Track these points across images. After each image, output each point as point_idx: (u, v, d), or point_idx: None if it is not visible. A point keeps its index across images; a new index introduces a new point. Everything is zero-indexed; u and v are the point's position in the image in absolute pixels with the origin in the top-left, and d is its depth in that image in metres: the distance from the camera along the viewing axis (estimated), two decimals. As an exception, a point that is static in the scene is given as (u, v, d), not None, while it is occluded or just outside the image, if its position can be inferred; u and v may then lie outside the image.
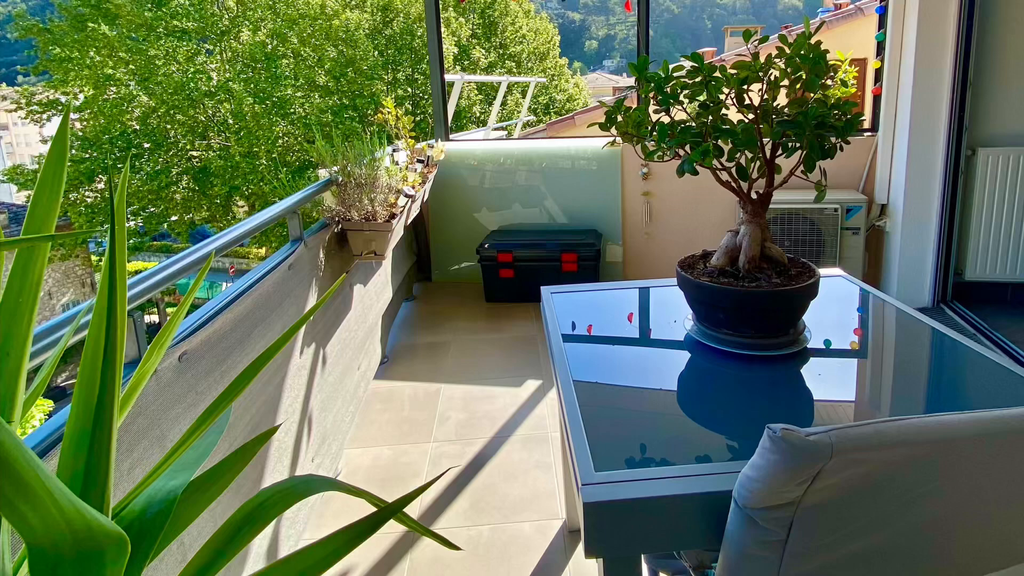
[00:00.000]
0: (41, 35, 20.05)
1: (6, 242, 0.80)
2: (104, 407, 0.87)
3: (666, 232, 5.99)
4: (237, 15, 21.67)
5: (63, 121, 0.92)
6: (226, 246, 2.31)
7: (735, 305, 1.90)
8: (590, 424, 1.58)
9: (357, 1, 23.52)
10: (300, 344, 2.91)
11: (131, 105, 20.04)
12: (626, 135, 1.99)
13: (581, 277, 5.47)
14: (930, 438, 1.11)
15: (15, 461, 0.68)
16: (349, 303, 3.75)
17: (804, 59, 1.79)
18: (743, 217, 2.02)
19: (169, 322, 1.18)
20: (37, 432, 1.38)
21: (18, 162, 23.78)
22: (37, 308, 0.91)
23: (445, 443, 3.64)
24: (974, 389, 1.78)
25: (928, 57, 4.82)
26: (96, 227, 19.62)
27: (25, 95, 20.74)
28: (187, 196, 21.47)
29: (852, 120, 1.78)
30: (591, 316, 2.42)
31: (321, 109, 21.06)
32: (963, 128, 4.89)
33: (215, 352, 2.07)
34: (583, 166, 5.99)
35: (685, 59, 1.90)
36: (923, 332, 2.06)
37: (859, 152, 5.57)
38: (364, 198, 3.55)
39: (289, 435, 2.74)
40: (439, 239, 6.35)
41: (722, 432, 1.63)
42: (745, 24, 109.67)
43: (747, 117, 1.86)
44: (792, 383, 1.85)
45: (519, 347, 4.83)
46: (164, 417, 1.75)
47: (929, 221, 5.07)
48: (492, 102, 21.74)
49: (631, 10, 5.61)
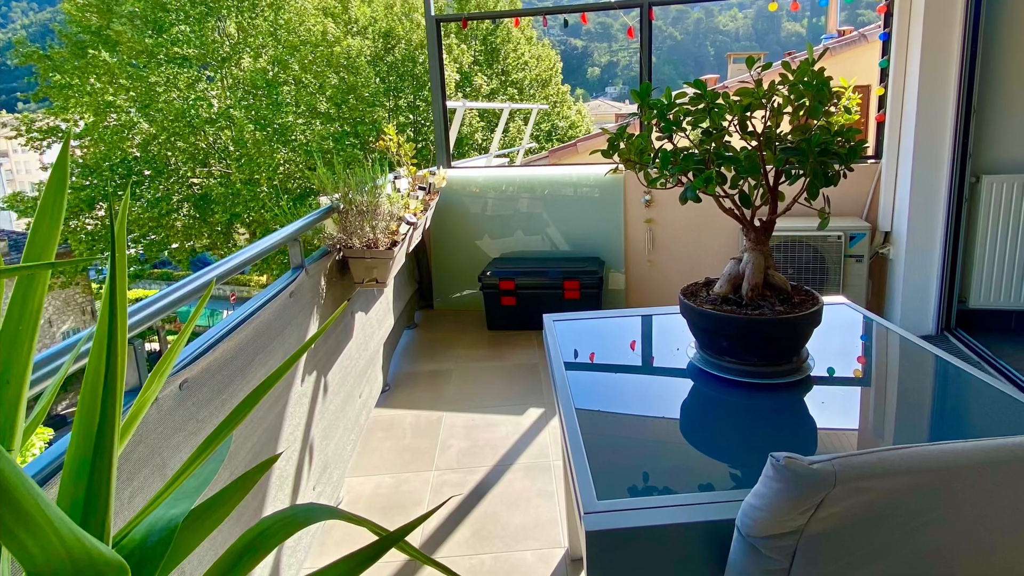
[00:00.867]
0: (41, 62, 20.15)
1: (6, 270, 0.81)
2: (104, 435, 0.86)
3: (669, 260, 5.99)
4: (238, 42, 21.76)
5: (63, 148, 0.93)
6: (227, 274, 2.31)
7: (738, 333, 1.90)
8: (592, 452, 1.57)
9: (359, 28, 23.65)
10: (301, 372, 2.91)
11: (132, 132, 20.07)
12: (629, 162, 1.99)
13: (583, 305, 5.47)
14: (934, 466, 1.11)
15: (15, 489, 0.68)
16: (350, 331, 3.75)
17: (807, 86, 1.80)
18: (746, 244, 2.02)
19: (170, 350, 1.18)
20: (37, 460, 1.37)
21: (18, 189, 23.88)
22: (37, 336, 0.91)
23: (447, 471, 3.63)
24: (978, 417, 1.78)
25: (932, 84, 4.82)
26: (96, 255, 19.53)
27: (25, 122, 20.73)
28: (188, 223, 21.44)
29: (855, 147, 1.79)
30: (593, 344, 2.41)
31: (322, 136, 21.08)
32: (967, 155, 4.88)
33: (216, 380, 2.07)
34: (585, 193, 6.00)
35: (688, 86, 1.90)
36: (927, 360, 2.06)
37: (863, 179, 5.56)
38: (366, 225, 3.56)
39: (290, 463, 2.73)
40: (441, 267, 6.36)
41: (725, 460, 1.62)
42: (748, 51, 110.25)
43: (750, 144, 1.86)
44: (795, 411, 1.84)
45: (521, 375, 4.82)
46: (165, 445, 1.75)
47: (933, 249, 5.07)
48: (494, 129, 21.83)
49: (634, 36, 5.65)
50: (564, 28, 5.89)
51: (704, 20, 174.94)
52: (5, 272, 0.80)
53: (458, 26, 23.03)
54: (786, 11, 10.88)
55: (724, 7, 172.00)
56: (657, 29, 14.73)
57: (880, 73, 5.37)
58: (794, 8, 5.37)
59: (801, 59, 1.85)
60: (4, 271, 0.80)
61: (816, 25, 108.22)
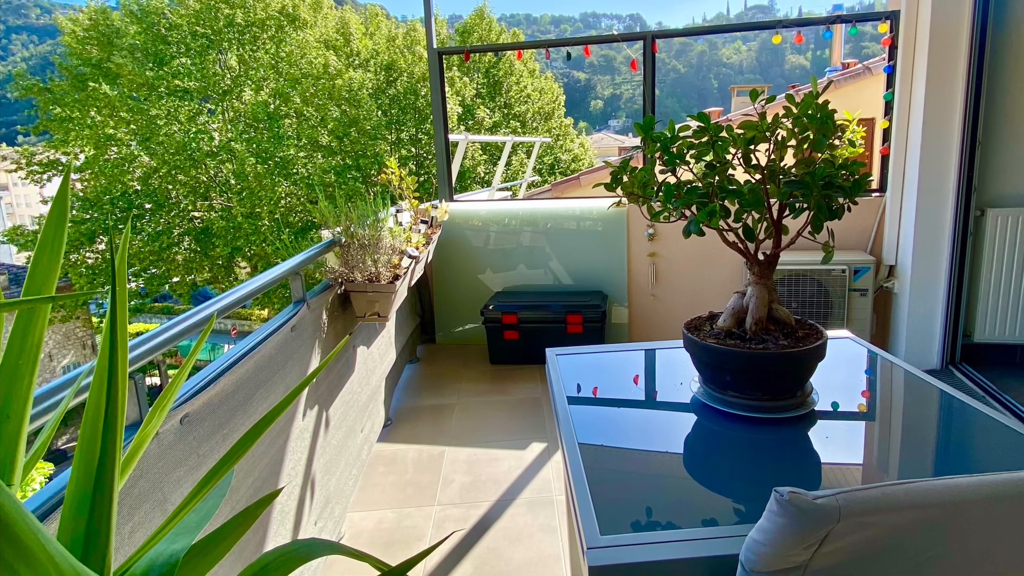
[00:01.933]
0: (41, 95, 20.25)
1: (6, 304, 0.81)
2: (105, 470, 0.86)
3: (672, 293, 5.99)
4: (239, 75, 21.88)
5: (64, 181, 0.93)
6: (228, 308, 2.31)
7: (742, 367, 1.89)
8: (595, 487, 1.56)
9: (360, 61, 23.79)
10: (303, 406, 2.90)
11: (132, 165, 20.14)
12: (632, 195, 2.00)
13: (586, 339, 5.46)
14: (938, 501, 1.10)
15: (15, 524, 0.67)
16: (352, 365, 3.74)
17: (811, 119, 1.80)
18: (750, 278, 2.02)
19: (171, 384, 1.18)
20: (37, 495, 1.37)
21: (18, 223, 23.85)
22: (37, 370, 0.91)
23: (449, 506, 3.60)
24: (983, 452, 1.77)
25: (936, 117, 4.83)
26: (97, 288, 19.42)
27: (25, 155, 20.79)
28: (189, 257, 21.44)
29: (860, 180, 1.79)
30: (596, 378, 2.41)
31: (324, 169, 21.13)
32: (972, 188, 4.89)
33: (217, 415, 2.06)
34: (588, 227, 6.02)
35: (691, 119, 1.91)
36: (931, 394, 2.05)
37: (867, 213, 5.57)
38: (367, 259, 3.57)
39: (292, 498, 2.72)
40: (443, 300, 6.37)
41: (729, 495, 1.61)
42: (752, 84, 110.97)
43: (754, 177, 1.86)
44: (799, 446, 1.83)
45: (524, 409, 4.81)
46: (166, 480, 1.74)
47: (937, 282, 5.07)
48: (497, 162, 21.89)
49: (637, 69, 5.69)
50: (567, 61, 5.93)
51: (708, 53, 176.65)
52: (5, 306, 0.80)
53: (460, 59, 23.17)
54: (790, 44, 11.04)
55: (728, 40, 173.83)
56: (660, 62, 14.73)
57: (884, 106, 5.38)
58: (798, 41, 5.41)
59: (805, 92, 1.86)
60: (4, 305, 0.80)
61: (820, 58, 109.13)
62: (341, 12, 25.10)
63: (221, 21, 21.35)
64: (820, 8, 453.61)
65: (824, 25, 5.36)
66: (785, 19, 5.41)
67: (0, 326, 0.92)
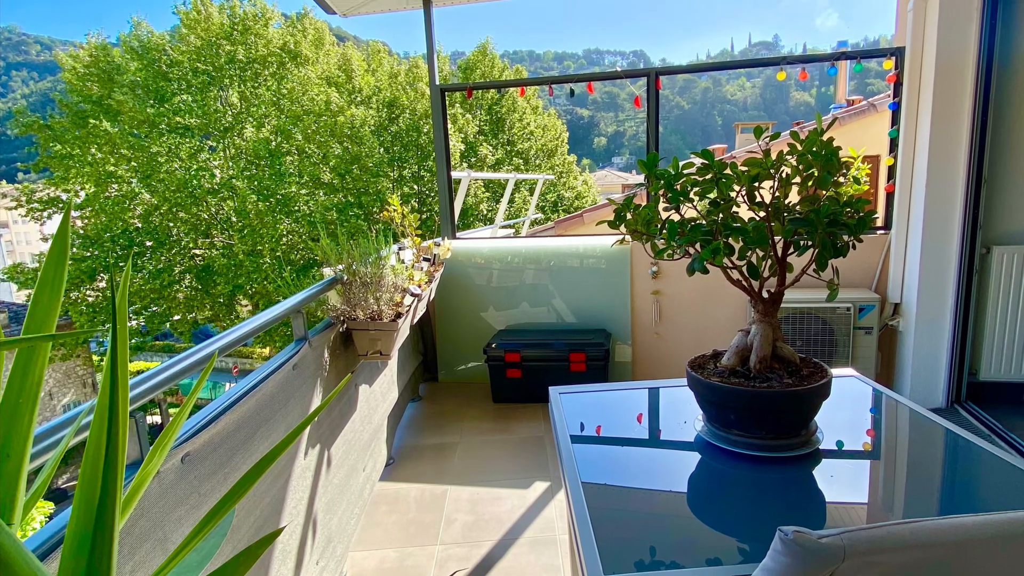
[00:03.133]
0: (42, 132, 20.30)
1: (6, 342, 0.81)
2: (105, 509, 0.86)
3: (676, 331, 5.98)
4: (240, 111, 21.95)
5: (64, 219, 0.93)
6: (229, 346, 2.30)
7: (746, 406, 1.89)
8: (599, 526, 1.55)
9: (362, 97, 23.90)
10: (304, 445, 2.89)
11: (133, 203, 20.17)
12: (635, 233, 2.00)
13: (590, 377, 5.45)
14: (944, 540, 1.09)
15: (15, 564, 0.67)
16: (354, 403, 3.73)
17: (816, 156, 1.81)
18: (754, 316, 2.02)
19: (172, 423, 1.17)
20: (38, 534, 1.36)
21: (18, 260, 23.87)
22: (38, 408, 0.91)
23: (452, 546, 3.57)
24: (989, 491, 1.75)
25: (942, 154, 4.83)
26: (97, 327, 19.34)
27: (25, 192, 20.79)
28: (190, 295, 21.40)
29: (865, 218, 1.79)
30: (600, 417, 2.40)
31: (326, 207, 21.14)
32: (977, 226, 4.89)
33: (218, 453, 2.05)
34: (592, 264, 6.03)
35: (695, 156, 1.92)
36: (937, 433, 2.04)
37: (872, 250, 5.57)
38: (369, 297, 3.57)
39: (293, 537, 2.70)
40: (446, 338, 6.36)
41: (733, 534, 1.60)
42: (756, 120, 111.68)
43: (758, 215, 1.87)
44: (804, 485, 1.82)
45: (527, 448, 4.78)
46: (166, 519, 1.73)
47: (943, 320, 5.05)
48: (499, 199, 21.95)
49: (641, 106, 5.72)
50: (570, 97, 5.96)
51: (712, 89, 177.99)
52: (5, 344, 0.80)
53: (463, 95, 23.25)
54: (795, 80, 11.04)
55: (732, 76, 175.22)
56: (664, 98, 14.81)
57: (890, 143, 5.39)
58: (803, 78, 5.44)
59: (810, 129, 1.87)
60: (4, 343, 0.80)
61: (825, 94, 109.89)
62: (343, 48, 25.28)
63: (223, 58, 21.48)
64: (825, 45, 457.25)
65: (829, 62, 5.39)
66: (790, 56, 5.46)
67: (0, 364, 0.92)
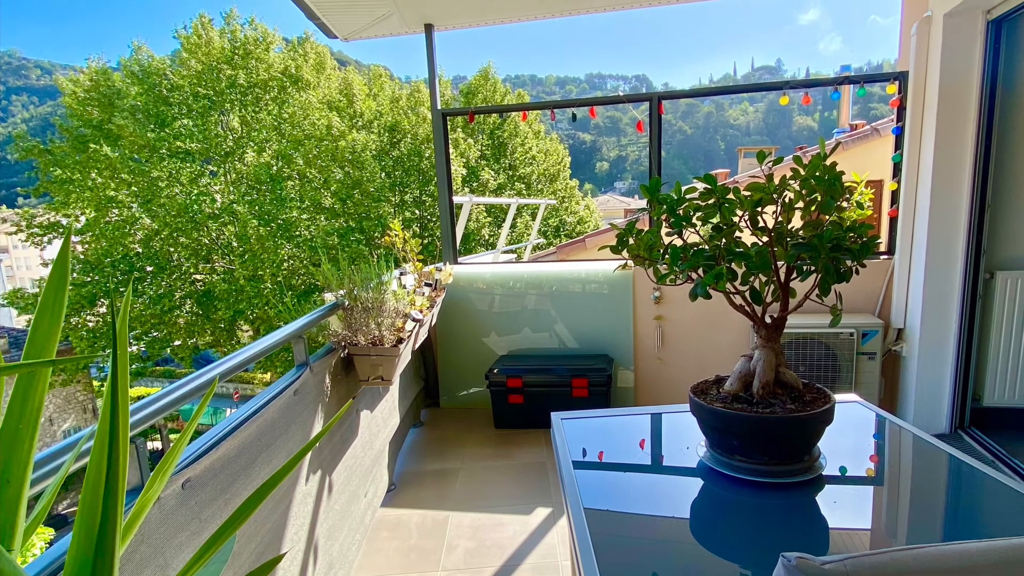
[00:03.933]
0: (42, 156, 20.28)
1: (6, 367, 0.81)
2: (106, 535, 0.86)
3: (679, 357, 5.97)
4: (241, 136, 21.94)
5: (64, 244, 0.94)
6: (230, 371, 2.30)
7: (749, 431, 1.88)
8: (601, 552, 1.54)
9: (364, 122, 23.94)
10: (306, 471, 2.88)
11: (133, 227, 20.11)
12: (638, 258, 2.00)
13: (592, 403, 5.43)
14: (948, 567, 1.08)
15: (12, 591, 0.67)
16: (355, 429, 3.72)
17: (819, 181, 1.81)
18: (757, 342, 2.02)
19: (172, 449, 1.17)
20: (38, 561, 1.35)
21: (18, 285, 23.85)
22: (38, 434, 0.91)
23: (454, 572, 3.55)
24: (993, 517, 1.74)
25: (945, 179, 4.82)
26: (98, 352, 19.26)
27: (26, 217, 20.72)
28: (190, 320, 21.31)
29: (868, 243, 1.79)
30: (602, 442, 2.39)
31: (327, 231, 21.09)
32: (981, 251, 4.87)
33: (219, 479, 2.05)
34: (594, 289, 6.03)
35: (698, 180, 1.92)
36: (940, 459, 2.03)
37: (875, 275, 5.56)
38: (371, 322, 3.57)
39: (295, 563, 2.68)
40: (447, 364, 6.35)
41: (736, 561, 1.59)
42: (759, 145, 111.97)
43: (761, 240, 1.87)
44: (807, 511, 1.81)
45: (529, 474, 4.76)
46: (167, 545, 1.72)
47: (946, 346, 5.03)
48: (501, 224, 21.96)
49: (643, 130, 5.74)
50: (572, 122, 5.97)
51: (714, 114, 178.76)
52: (5, 370, 0.80)
53: (465, 120, 23.15)
54: (797, 105, 11.21)
55: (735, 101, 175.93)
56: (667, 123, 14.84)
57: (893, 167, 5.38)
58: (806, 102, 5.45)
59: (813, 153, 1.87)
60: (4, 369, 0.80)
61: (828, 119, 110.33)
62: (344, 73, 25.37)
63: (223, 82, 21.52)
64: (828, 69, 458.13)
65: (832, 86, 5.40)
66: (792, 80, 5.47)
67: (0, 390, 0.92)
